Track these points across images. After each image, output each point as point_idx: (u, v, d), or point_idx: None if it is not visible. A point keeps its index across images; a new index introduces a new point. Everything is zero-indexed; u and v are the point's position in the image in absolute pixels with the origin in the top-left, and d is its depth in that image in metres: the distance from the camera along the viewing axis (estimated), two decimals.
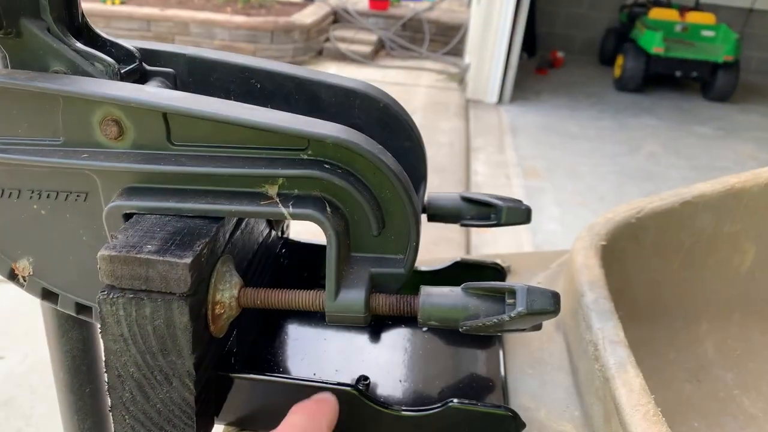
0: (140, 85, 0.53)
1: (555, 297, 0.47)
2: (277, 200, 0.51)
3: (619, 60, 7.04)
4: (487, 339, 0.68)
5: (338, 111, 0.61)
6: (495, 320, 0.48)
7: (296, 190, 0.52)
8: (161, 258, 0.46)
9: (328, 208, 0.51)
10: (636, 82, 6.86)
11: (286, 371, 0.63)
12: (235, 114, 0.50)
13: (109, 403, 0.51)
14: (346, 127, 0.51)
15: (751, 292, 0.88)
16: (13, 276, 0.59)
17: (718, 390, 0.85)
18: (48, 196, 0.55)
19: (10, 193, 0.55)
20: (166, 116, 0.51)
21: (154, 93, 0.51)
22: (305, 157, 0.51)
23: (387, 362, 0.65)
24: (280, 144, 0.51)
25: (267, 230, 0.67)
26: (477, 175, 4.70)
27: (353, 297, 0.51)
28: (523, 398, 0.63)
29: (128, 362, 0.49)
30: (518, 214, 0.64)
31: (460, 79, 6.85)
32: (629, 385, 0.54)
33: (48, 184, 0.54)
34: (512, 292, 0.48)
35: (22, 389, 2.50)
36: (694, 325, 0.88)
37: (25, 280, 0.59)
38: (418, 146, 0.62)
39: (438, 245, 3.61)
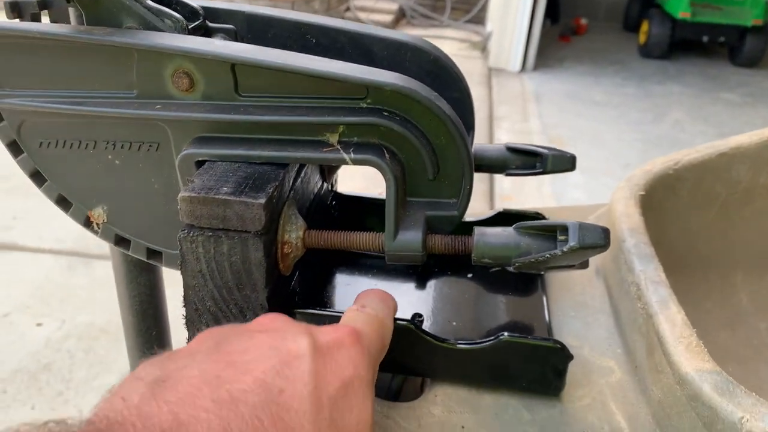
0: (209, 39, 0.56)
1: (605, 232, 0.50)
2: (339, 147, 0.54)
3: (644, 26, 6.92)
4: (530, 286, 0.71)
5: (390, 64, 0.63)
6: (548, 255, 0.51)
7: (356, 138, 0.55)
8: (237, 198, 0.49)
9: (387, 154, 0.54)
10: (661, 48, 6.75)
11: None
12: (299, 63, 0.53)
13: (187, 336, 0.55)
14: (403, 76, 0.54)
15: None
16: (88, 223, 0.63)
17: (752, 338, 0.88)
18: (122, 147, 0.59)
19: (87, 144, 0.59)
20: (234, 67, 0.54)
21: (223, 45, 0.54)
22: (364, 105, 0.54)
23: (436, 305, 0.69)
24: (341, 93, 0.54)
25: (320, 182, 0.71)
26: (501, 143, 4.68)
27: (411, 237, 0.55)
28: (567, 338, 0.67)
29: (206, 297, 0.53)
30: (563, 161, 0.66)
31: (483, 48, 6.79)
32: (672, 320, 0.57)
33: (122, 135, 0.58)
34: (564, 229, 0.51)
35: (60, 354, 2.58)
36: (730, 275, 0.91)
37: (99, 227, 0.63)
38: (467, 97, 0.65)
39: None
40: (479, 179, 4.03)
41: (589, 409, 0.59)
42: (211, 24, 0.62)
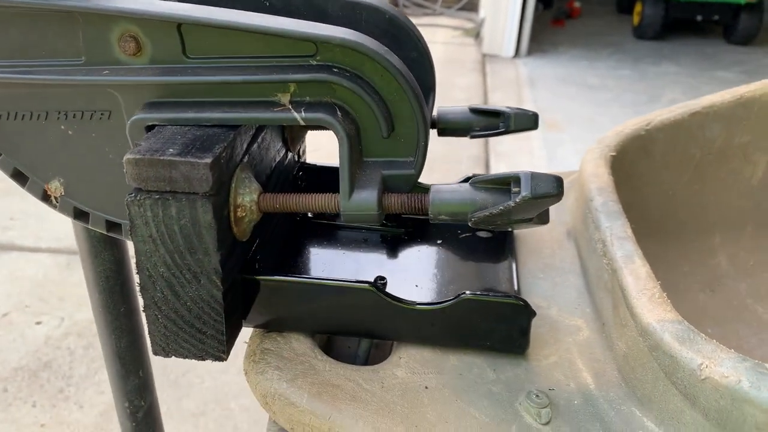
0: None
1: (558, 180, 0.49)
2: (290, 107, 0.53)
3: (638, 7, 6.88)
4: (499, 250, 0.71)
5: (345, 24, 0.62)
6: (501, 208, 0.50)
7: (308, 97, 0.54)
8: (184, 159, 0.48)
9: (339, 113, 0.53)
10: (655, 29, 6.72)
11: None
12: (246, 21, 0.52)
13: (142, 304, 0.54)
14: (353, 31, 0.53)
15: (764, 203, 0.89)
16: (46, 197, 0.62)
17: (731, 299, 0.87)
18: (74, 116, 0.58)
19: (38, 115, 0.58)
20: (180, 28, 0.53)
21: (167, 5, 0.53)
22: (314, 62, 0.53)
23: (403, 271, 0.68)
24: (290, 51, 0.53)
25: (283, 151, 0.70)
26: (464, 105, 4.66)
27: (366, 197, 0.54)
28: (535, 298, 0.66)
29: (158, 262, 0.52)
30: (526, 120, 0.66)
31: (476, 34, 6.76)
32: (636, 273, 0.56)
33: (73, 104, 0.57)
34: (517, 180, 0.50)
35: (60, 351, 2.58)
36: (707, 237, 0.90)
37: (57, 201, 0.62)
38: (425, 57, 0.64)
39: None
40: (475, 165, 4.02)
41: (555, 367, 0.58)
42: None
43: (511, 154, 4.28)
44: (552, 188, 0.49)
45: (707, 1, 6.46)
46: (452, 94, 5.21)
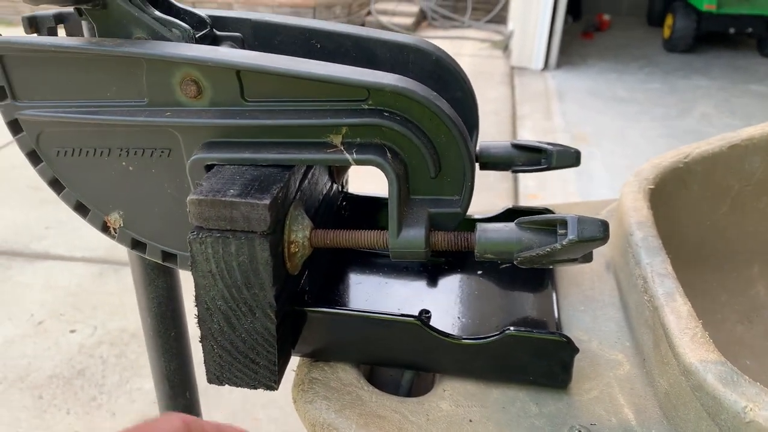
0: (214, 47, 0.58)
1: (604, 225, 0.51)
2: (342, 148, 0.56)
3: (669, 20, 6.82)
4: (539, 281, 0.72)
5: (393, 66, 0.65)
6: (548, 249, 0.52)
7: (359, 139, 0.56)
8: (244, 200, 0.51)
9: (389, 154, 0.56)
10: (687, 42, 6.65)
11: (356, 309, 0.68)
12: (301, 68, 0.54)
13: (200, 335, 0.57)
14: (403, 77, 0.55)
15: None
16: (105, 228, 0.66)
17: None
18: (135, 153, 0.61)
19: (102, 152, 0.61)
20: (239, 74, 0.56)
21: (227, 53, 0.56)
22: (366, 107, 0.55)
23: (445, 302, 0.70)
24: (343, 96, 0.56)
25: (329, 183, 0.72)
26: (524, 138, 4.65)
27: (414, 234, 0.56)
28: (576, 331, 0.67)
29: (216, 296, 0.55)
30: (568, 157, 0.67)
31: (504, 47, 6.77)
32: (677, 312, 0.57)
33: (135, 142, 0.60)
34: (563, 223, 0.52)
35: (93, 360, 2.64)
36: (746, 268, 0.90)
37: (116, 232, 0.65)
38: (470, 96, 0.66)
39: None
40: (504, 178, 4.02)
41: (596, 402, 0.60)
42: (218, 32, 0.64)
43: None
44: (598, 232, 0.50)
45: (740, 13, 6.38)
46: (481, 107, 5.19)
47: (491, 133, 4.81)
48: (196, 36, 0.60)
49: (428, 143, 0.56)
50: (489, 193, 3.73)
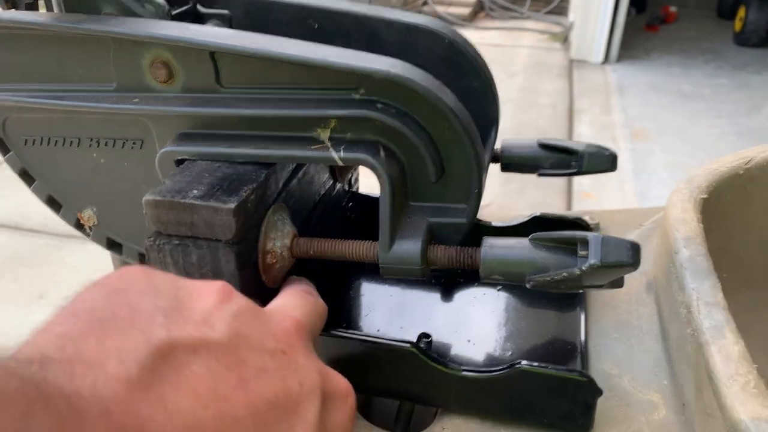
0: (186, 24, 0.51)
1: (633, 248, 0.41)
2: (329, 144, 0.48)
3: (741, 12, 6.45)
4: (568, 301, 0.63)
5: (401, 50, 0.56)
6: (564, 274, 0.43)
7: (349, 134, 0.48)
8: (205, 203, 0.44)
9: (382, 153, 0.47)
10: (759, 35, 6.27)
11: (348, 326, 0.60)
12: (283, 50, 0.47)
13: None
14: (400, 61, 0.46)
15: None
16: (80, 226, 0.60)
17: None
18: (106, 144, 0.55)
19: (71, 141, 0.55)
20: (213, 56, 0.48)
21: (200, 31, 0.49)
22: (357, 96, 0.47)
23: (457, 322, 0.61)
24: (332, 84, 0.48)
25: (330, 182, 0.64)
26: (581, 137, 4.48)
27: (408, 248, 0.48)
28: (606, 363, 0.58)
29: None
30: (602, 160, 0.57)
31: (564, 39, 6.54)
32: (726, 353, 0.47)
33: (105, 131, 0.54)
34: (585, 243, 0.43)
35: None
36: None
37: (90, 230, 0.59)
38: (488, 86, 0.57)
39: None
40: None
41: None
42: (203, 9, 0.57)
43: None
44: (626, 257, 0.41)
45: None
46: (537, 100, 5.05)
47: (547, 128, 4.65)
48: (173, 13, 0.53)
49: (428, 140, 0.47)
50: (540, 192, 3.59)
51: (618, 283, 0.47)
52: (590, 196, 3.70)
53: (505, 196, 3.56)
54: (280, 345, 0.36)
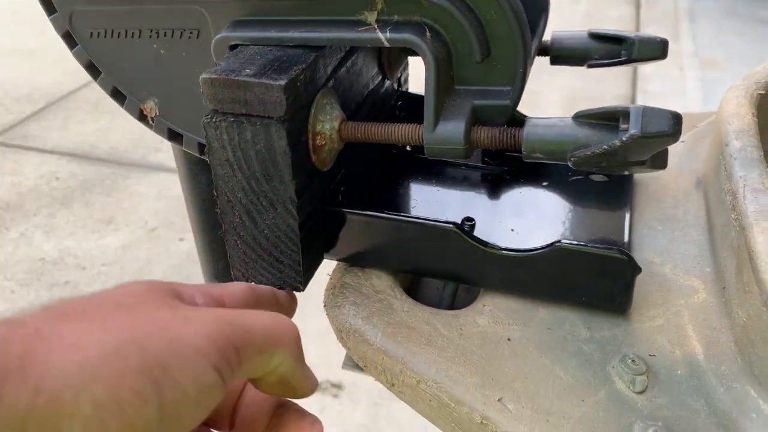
0: None
1: (675, 117, 0.41)
2: (375, 26, 0.49)
3: None
4: (613, 196, 0.63)
5: None
6: (605, 147, 0.43)
7: (396, 16, 0.49)
8: (258, 80, 0.46)
9: (428, 33, 0.48)
10: None
11: (398, 211, 0.62)
12: None
13: (223, 228, 0.54)
14: None
15: None
16: (142, 117, 0.63)
17: None
18: (165, 35, 0.57)
19: (133, 33, 0.58)
20: None
21: None
22: None
23: (501, 213, 0.63)
24: None
25: (379, 78, 0.66)
26: (645, 66, 4.31)
27: (452, 128, 0.49)
28: (648, 253, 0.59)
29: (236, 187, 0.51)
30: (652, 47, 0.57)
31: None
32: None
33: (164, 22, 0.56)
34: (626, 115, 0.43)
35: (197, 267, 2.78)
36: None
37: (153, 121, 0.63)
38: None
39: None
40: (620, 100, 3.76)
41: (660, 331, 0.52)
42: None
43: (661, 95, 3.95)
44: (667, 126, 0.41)
45: None
46: (601, 27, 4.86)
47: None
48: None
49: (474, 20, 0.48)
50: None
51: (660, 163, 0.47)
52: None
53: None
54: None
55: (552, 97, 3.72)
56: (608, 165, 0.46)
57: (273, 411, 0.43)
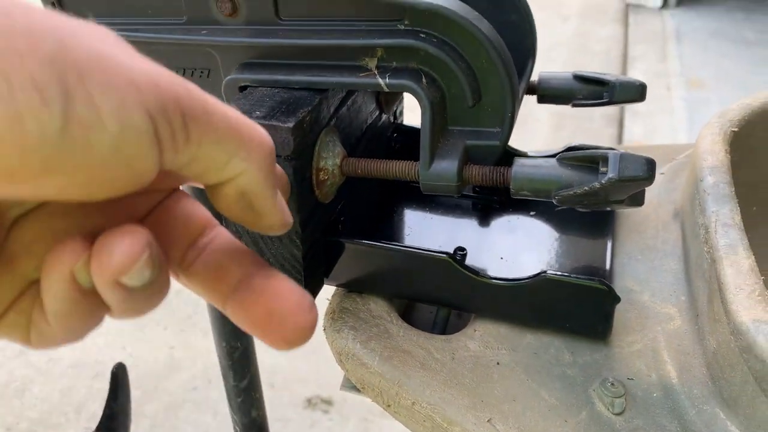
0: None
1: (649, 163, 0.45)
2: (375, 72, 0.53)
3: None
4: (597, 226, 0.67)
5: None
6: (586, 188, 0.48)
7: (394, 63, 0.53)
8: (268, 122, 0.50)
9: (424, 80, 0.52)
10: None
11: (393, 241, 0.66)
12: None
13: None
14: None
15: None
16: None
17: None
18: (176, 72, 0.61)
19: None
20: None
21: None
22: (402, 27, 0.52)
23: (490, 241, 0.67)
24: (378, 15, 0.53)
25: (376, 112, 0.70)
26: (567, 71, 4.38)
27: (446, 166, 0.53)
28: (628, 281, 0.63)
29: None
30: (631, 90, 0.61)
31: None
32: (737, 266, 0.52)
33: (176, 61, 0.60)
34: (605, 159, 0.47)
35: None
36: None
37: None
38: (526, 19, 0.61)
39: None
40: (609, 124, 3.82)
41: (638, 356, 0.56)
42: None
43: (648, 114, 4.02)
44: (642, 171, 0.45)
45: None
46: (590, 46, 4.94)
47: None
48: None
49: (467, 68, 0.52)
50: (592, 142, 3.55)
51: (638, 201, 0.51)
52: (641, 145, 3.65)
53: (555, 144, 3.54)
54: None
55: (541, 114, 3.78)
56: (590, 203, 0.50)
57: (249, 270, 0.34)
